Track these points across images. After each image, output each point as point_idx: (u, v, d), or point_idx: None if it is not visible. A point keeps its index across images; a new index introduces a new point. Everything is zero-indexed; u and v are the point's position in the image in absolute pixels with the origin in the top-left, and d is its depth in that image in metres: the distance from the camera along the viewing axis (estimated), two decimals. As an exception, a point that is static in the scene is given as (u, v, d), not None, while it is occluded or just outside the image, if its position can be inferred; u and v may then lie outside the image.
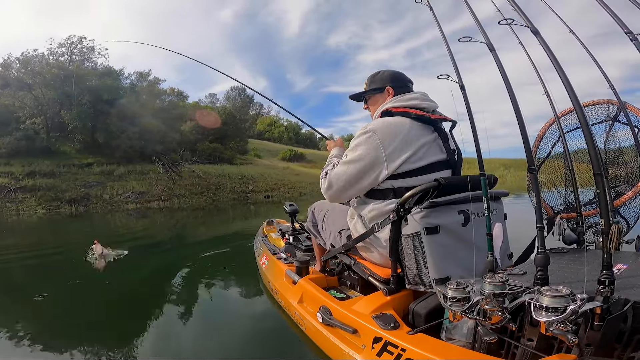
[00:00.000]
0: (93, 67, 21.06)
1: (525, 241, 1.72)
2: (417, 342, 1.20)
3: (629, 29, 1.22)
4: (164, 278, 3.11)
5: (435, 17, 1.59)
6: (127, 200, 16.38)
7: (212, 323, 2.09)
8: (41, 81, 18.34)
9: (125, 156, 19.30)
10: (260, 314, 2.22)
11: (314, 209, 2.03)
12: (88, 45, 21.21)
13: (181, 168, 20.44)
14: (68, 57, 20.63)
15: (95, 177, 17.77)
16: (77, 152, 19.87)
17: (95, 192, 16.39)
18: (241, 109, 35.62)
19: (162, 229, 8.24)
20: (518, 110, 1.22)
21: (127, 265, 3.63)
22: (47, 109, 18.92)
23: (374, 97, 1.70)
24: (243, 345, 1.81)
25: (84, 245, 4.00)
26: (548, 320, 0.94)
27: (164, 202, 16.65)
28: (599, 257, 1.02)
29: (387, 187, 1.51)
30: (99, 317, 2.26)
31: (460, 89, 1.41)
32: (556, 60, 1.16)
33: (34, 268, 3.84)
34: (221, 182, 20.04)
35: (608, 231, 1.02)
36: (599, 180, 1.04)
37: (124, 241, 6.20)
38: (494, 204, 1.42)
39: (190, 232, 7.59)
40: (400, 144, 1.46)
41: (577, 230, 1.69)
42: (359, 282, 1.81)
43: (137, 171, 19.04)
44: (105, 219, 11.30)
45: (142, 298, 2.65)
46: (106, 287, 2.94)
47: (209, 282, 2.91)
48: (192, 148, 23.04)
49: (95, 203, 15.65)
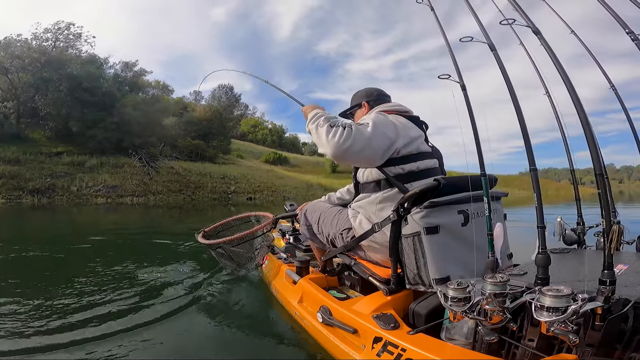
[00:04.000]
0: (77, 55, 20.34)
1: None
2: (417, 342, 1.19)
3: (631, 29, 1.23)
4: (162, 278, 3.03)
5: (436, 17, 1.58)
6: (97, 193, 15.74)
7: (212, 323, 2.07)
8: (19, 65, 17.57)
9: (99, 147, 18.67)
10: (261, 313, 2.20)
11: (305, 212, 2.01)
12: (75, 32, 20.58)
13: (159, 163, 19.86)
14: (52, 43, 19.89)
15: (63, 167, 17.01)
16: (47, 140, 19.05)
17: (62, 183, 15.65)
18: (227, 107, 35.19)
19: (142, 223, 8.00)
20: (519, 110, 1.23)
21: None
22: (20, 94, 18.18)
23: (356, 113, 1.90)
24: (243, 345, 1.79)
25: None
26: (549, 320, 0.94)
27: (138, 198, 16.09)
28: (600, 257, 1.03)
29: (393, 174, 1.54)
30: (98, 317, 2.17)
31: (461, 89, 1.41)
32: (557, 60, 1.17)
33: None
34: (202, 181, 19.58)
35: (609, 231, 1.03)
36: (600, 180, 1.05)
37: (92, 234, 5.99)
38: (494, 204, 1.42)
39: (181, 226, 7.37)
40: (406, 129, 1.60)
41: (577, 231, 1.72)
42: (359, 282, 1.82)
43: (110, 164, 18.38)
44: (70, 213, 10.79)
45: (132, 295, 2.56)
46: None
47: (209, 281, 2.87)
48: (173, 143, 22.49)
49: (61, 195, 14.94)
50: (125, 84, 22.34)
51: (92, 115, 18.40)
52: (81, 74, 18.60)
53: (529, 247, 1.35)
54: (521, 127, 1.22)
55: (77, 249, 4.52)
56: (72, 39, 20.56)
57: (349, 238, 1.71)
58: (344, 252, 1.77)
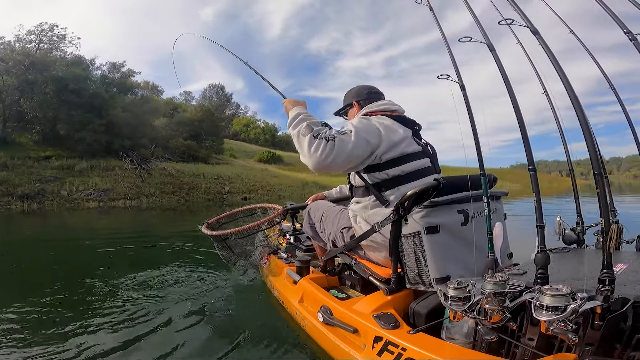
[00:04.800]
0: (62, 56, 19.97)
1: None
2: (417, 342, 1.19)
3: (629, 29, 1.24)
4: (159, 278, 3.03)
5: (435, 16, 1.59)
6: (89, 197, 15.36)
7: (212, 322, 2.07)
8: (2, 68, 17.20)
9: (89, 150, 18.19)
10: (261, 313, 2.20)
11: (309, 210, 2.03)
12: (59, 34, 20.18)
13: (151, 165, 19.52)
14: (36, 45, 19.51)
15: (53, 171, 16.55)
16: (34, 144, 18.60)
17: (52, 188, 15.21)
18: (218, 107, 34.95)
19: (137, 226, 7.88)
20: (518, 109, 1.23)
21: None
22: (5, 97, 17.72)
23: (349, 112, 1.89)
24: (243, 345, 1.79)
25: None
26: (548, 319, 0.94)
27: (131, 200, 15.78)
28: (599, 256, 1.04)
29: (378, 180, 1.53)
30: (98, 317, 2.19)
31: (460, 89, 1.42)
32: (556, 60, 1.17)
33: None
34: (195, 182, 19.29)
35: (608, 230, 1.04)
36: (599, 180, 1.05)
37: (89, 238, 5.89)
38: (494, 203, 1.43)
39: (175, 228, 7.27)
40: (389, 132, 1.54)
41: (577, 230, 1.74)
42: (359, 282, 1.82)
43: (101, 166, 17.93)
44: (62, 217, 10.59)
45: (132, 296, 2.56)
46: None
47: (209, 281, 2.87)
48: (165, 145, 22.18)
49: (52, 200, 14.55)
50: (113, 85, 21.76)
51: (79, 117, 17.88)
52: (67, 76, 18.05)
53: (529, 246, 1.36)
54: (521, 128, 1.22)
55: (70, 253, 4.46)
56: (56, 41, 20.09)
57: (348, 237, 1.71)
58: (345, 252, 1.76)
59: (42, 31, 19.70)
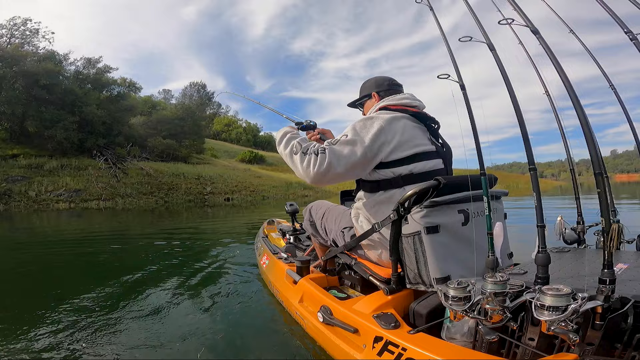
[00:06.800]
0: (34, 51, 19.13)
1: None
2: (417, 342, 1.18)
3: (629, 29, 1.26)
4: (159, 279, 2.99)
5: (435, 16, 1.58)
6: (58, 198, 14.70)
7: (212, 323, 2.04)
8: (-31, 63, 16.34)
9: (60, 148, 17.53)
10: (261, 313, 2.19)
11: (311, 208, 2.03)
12: (32, 28, 19.37)
13: (127, 164, 18.95)
14: (7, 39, 18.65)
15: (20, 170, 15.87)
16: (1, 142, 17.77)
17: (19, 188, 14.55)
18: (199, 106, 34.37)
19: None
20: (518, 108, 1.24)
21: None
22: (-30, 93, 16.88)
23: (366, 104, 1.83)
24: (243, 345, 1.77)
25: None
26: (549, 319, 0.94)
27: (105, 202, 15.20)
28: (600, 256, 1.05)
29: (384, 177, 1.51)
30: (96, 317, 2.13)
31: (460, 89, 1.41)
32: (556, 60, 1.18)
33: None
34: (175, 182, 18.82)
35: (609, 230, 1.05)
36: (599, 179, 1.06)
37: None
38: (494, 203, 1.44)
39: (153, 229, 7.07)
40: (398, 132, 1.50)
41: (577, 230, 1.76)
42: (359, 282, 1.81)
43: (72, 166, 17.26)
44: (29, 219, 10.12)
45: (130, 296, 2.52)
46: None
47: (209, 281, 2.86)
48: (142, 144, 21.60)
49: (18, 201, 13.89)
50: (88, 81, 21.00)
51: (50, 114, 17.12)
52: (38, 71, 17.29)
53: (529, 246, 1.37)
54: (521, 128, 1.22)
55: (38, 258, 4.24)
56: (28, 35, 19.30)
57: (349, 236, 1.70)
58: (345, 252, 1.75)
59: (15, 25, 18.94)
